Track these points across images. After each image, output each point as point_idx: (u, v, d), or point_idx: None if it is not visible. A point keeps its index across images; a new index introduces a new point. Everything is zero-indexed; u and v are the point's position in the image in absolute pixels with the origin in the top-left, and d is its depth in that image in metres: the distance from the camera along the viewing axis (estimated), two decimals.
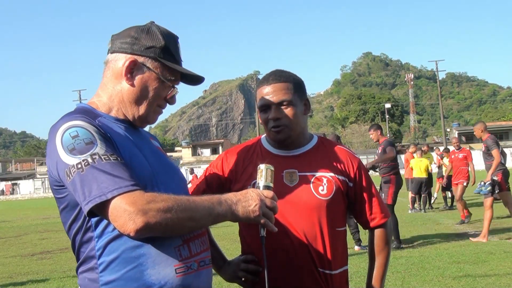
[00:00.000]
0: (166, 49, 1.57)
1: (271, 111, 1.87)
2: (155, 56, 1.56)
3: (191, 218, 1.41)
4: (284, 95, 1.86)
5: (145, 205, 1.34)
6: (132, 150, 1.51)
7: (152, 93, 1.57)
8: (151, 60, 1.56)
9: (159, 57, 1.56)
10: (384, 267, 1.98)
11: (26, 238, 12.90)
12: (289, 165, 1.90)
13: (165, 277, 1.44)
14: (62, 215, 1.52)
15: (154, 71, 1.56)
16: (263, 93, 1.89)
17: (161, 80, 1.57)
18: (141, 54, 1.56)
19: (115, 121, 1.57)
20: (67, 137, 1.42)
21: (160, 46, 1.56)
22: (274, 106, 1.86)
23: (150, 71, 1.56)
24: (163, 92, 1.58)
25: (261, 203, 1.50)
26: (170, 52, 1.58)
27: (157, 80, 1.57)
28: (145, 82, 1.56)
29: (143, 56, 1.56)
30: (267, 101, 1.87)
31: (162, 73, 1.57)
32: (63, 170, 1.40)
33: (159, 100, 1.59)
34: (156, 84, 1.57)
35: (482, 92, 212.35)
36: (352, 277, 5.55)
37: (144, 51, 1.56)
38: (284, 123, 1.86)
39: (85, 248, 1.47)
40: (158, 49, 1.56)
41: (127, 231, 1.35)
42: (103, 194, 1.34)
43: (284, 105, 1.86)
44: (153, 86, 1.57)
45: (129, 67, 1.55)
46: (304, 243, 1.82)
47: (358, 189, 1.95)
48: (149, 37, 1.57)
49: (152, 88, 1.57)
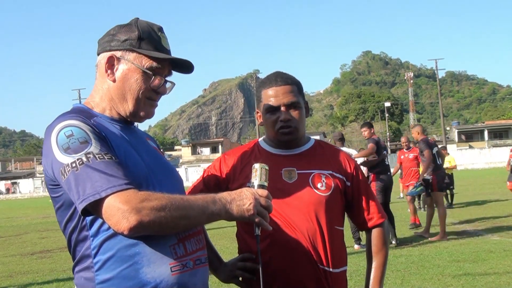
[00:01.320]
0: (142, 39, 1.56)
1: (280, 113, 1.89)
2: (131, 47, 1.56)
3: (184, 217, 1.41)
4: (293, 97, 1.90)
5: (139, 204, 1.34)
6: (127, 149, 1.51)
7: (135, 85, 1.56)
8: (128, 52, 1.56)
9: (135, 48, 1.55)
10: (382, 267, 1.98)
11: (26, 237, 12.90)
12: (288, 164, 1.92)
13: (160, 275, 1.44)
14: (58, 214, 1.53)
15: (132, 62, 1.55)
16: (271, 94, 1.91)
17: (141, 71, 1.55)
18: (118, 48, 1.56)
19: (110, 121, 1.57)
20: (62, 137, 1.42)
21: (135, 37, 1.56)
22: (284, 107, 1.89)
23: (128, 63, 1.56)
24: (146, 82, 1.57)
25: (256, 202, 1.50)
26: (149, 41, 1.57)
27: (137, 71, 1.56)
28: (126, 75, 1.56)
29: (120, 50, 1.56)
30: (276, 103, 1.89)
31: (141, 63, 1.56)
32: (58, 169, 1.41)
33: (145, 91, 1.57)
34: (137, 75, 1.56)
35: (481, 90, 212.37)
36: (351, 276, 5.56)
37: (121, 45, 1.56)
38: (293, 124, 1.90)
39: (81, 247, 1.47)
40: (134, 40, 1.56)
41: (120, 230, 1.35)
42: (97, 192, 1.35)
43: (293, 107, 1.90)
44: (134, 78, 1.56)
45: (108, 63, 1.57)
46: (304, 239, 1.82)
47: (355, 188, 1.97)
48: (125, 31, 1.58)
49: (134, 80, 1.56)
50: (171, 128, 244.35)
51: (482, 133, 70.79)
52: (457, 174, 14.75)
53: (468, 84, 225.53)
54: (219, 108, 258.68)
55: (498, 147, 59.10)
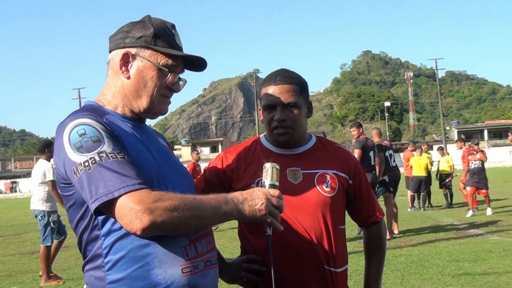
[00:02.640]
0: (158, 36, 1.56)
1: (276, 112, 1.87)
2: (146, 44, 1.55)
3: (197, 217, 1.41)
4: (291, 97, 1.86)
5: (152, 204, 1.34)
6: (139, 148, 1.50)
7: (150, 82, 1.55)
8: (143, 49, 1.55)
9: (150, 45, 1.55)
10: (381, 264, 1.99)
11: (26, 236, 12.90)
12: (291, 164, 1.90)
13: (171, 276, 1.43)
14: (69, 212, 1.52)
15: (147, 59, 1.55)
16: (269, 92, 1.88)
17: (157, 68, 1.55)
18: (133, 45, 1.56)
19: (122, 119, 1.56)
20: (75, 135, 1.41)
21: (150, 34, 1.55)
22: (280, 107, 1.86)
23: (144, 61, 1.55)
24: (162, 79, 1.56)
25: (268, 202, 1.50)
26: (164, 39, 1.56)
27: (152, 68, 1.55)
28: (141, 72, 1.55)
29: (135, 47, 1.56)
30: (273, 101, 1.87)
31: (157, 60, 1.55)
32: (70, 168, 1.40)
33: (160, 88, 1.57)
34: (153, 72, 1.55)
35: (481, 90, 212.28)
36: (351, 276, 5.56)
37: (136, 42, 1.56)
38: (288, 125, 1.86)
39: (92, 246, 1.47)
40: (149, 37, 1.55)
41: (133, 230, 1.35)
42: (109, 192, 1.34)
43: (290, 107, 1.86)
44: (150, 75, 1.55)
45: (123, 60, 1.56)
46: (310, 240, 1.82)
47: (357, 186, 1.96)
48: (140, 27, 1.57)
49: (149, 77, 1.55)
50: (171, 127, 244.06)
51: (482, 133, 70.80)
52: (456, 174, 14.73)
53: (468, 83, 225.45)
54: (219, 107, 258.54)
55: (498, 147, 59.08)
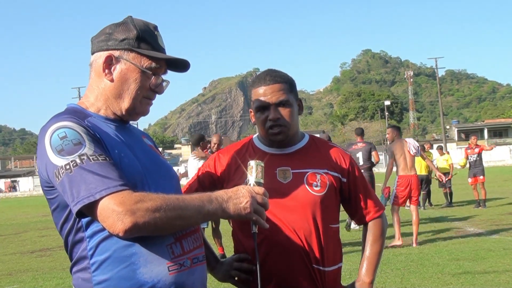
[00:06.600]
0: (141, 38, 1.56)
1: (269, 112, 1.88)
2: (129, 47, 1.55)
3: (180, 217, 1.41)
4: (282, 96, 1.88)
5: (134, 205, 1.34)
6: (122, 149, 1.50)
7: (133, 84, 1.55)
8: (127, 52, 1.56)
9: (133, 47, 1.55)
10: (377, 256, 1.98)
11: (26, 236, 12.92)
12: (282, 163, 1.91)
13: (158, 275, 1.44)
14: (54, 215, 1.53)
15: (131, 62, 1.55)
16: (260, 93, 1.89)
17: (140, 70, 1.55)
18: (116, 48, 1.56)
19: (105, 121, 1.56)
20: (56, 138, 1.42)
21: (133, 37, 1.55)
22: (273, 106, 1.87)
23: (127, 63, 1.55)
24: (145, 81, 1.57)
25: (252, 200, 1.50)
26: (147, 41, 1.57)
27: (136, 71, 1.55)
28: (125, 75, 1.55)
29: (118, 49, 1.56)
30: (265, 102, 1.88)
31: (140, 62, 1.55)
32: (52, 171, 1.41)
33: (143, 90, 1.57)
34: (136, 74, 1.55)
35: (481, 89, 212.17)
36: (351, 275, 5.56)
37: (119, 44, 1.56)
38: (283, 123, 1.88)
39: (77, 248, 1.47)
40: (132, 39, 1.55)
41: (116, 232, 1.35)
42: (91, 194, 1.34)
43: (282, 106, 1.88)
44: (133, 77, 1.55)
45: (106, 62, 1.56)
46: (298, 240, 1.83)
47: (351, 184, 1.96)
48: (123, 30, 1.57)
49: (133, 80, 1.55)
50: (171, 126, 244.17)
51: (482, 132, 70.80)
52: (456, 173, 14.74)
53: (468, 82, 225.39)
54: (219, 106, 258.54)
55: (498, 146, 59.09)
